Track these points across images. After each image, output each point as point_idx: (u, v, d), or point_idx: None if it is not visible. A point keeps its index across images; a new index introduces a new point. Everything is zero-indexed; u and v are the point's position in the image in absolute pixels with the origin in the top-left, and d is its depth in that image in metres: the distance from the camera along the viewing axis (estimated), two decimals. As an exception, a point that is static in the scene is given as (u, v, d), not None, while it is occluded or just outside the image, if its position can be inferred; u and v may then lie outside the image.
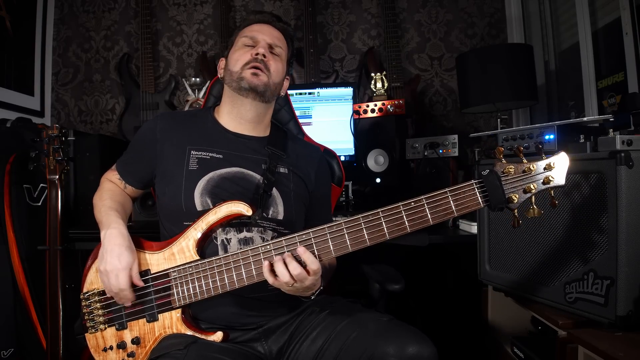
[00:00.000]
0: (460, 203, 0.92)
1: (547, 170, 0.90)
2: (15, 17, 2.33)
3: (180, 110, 2.51)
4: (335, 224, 0.96)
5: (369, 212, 0.96)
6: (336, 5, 2.61)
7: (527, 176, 0.91)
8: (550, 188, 0.91)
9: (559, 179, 0.90)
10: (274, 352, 1.09)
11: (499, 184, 0.91)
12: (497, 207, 0.92)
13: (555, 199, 0.93)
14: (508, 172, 0.91)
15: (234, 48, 1.22)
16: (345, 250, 0.97)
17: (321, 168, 1.30)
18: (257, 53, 1.16)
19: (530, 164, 0.91)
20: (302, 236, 0.98)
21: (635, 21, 1.67)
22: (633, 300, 1.00)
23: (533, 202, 0.92)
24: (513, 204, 0.91)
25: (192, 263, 1.05)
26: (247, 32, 1.21)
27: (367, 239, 0.96)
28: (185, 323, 1.06)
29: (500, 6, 2.56)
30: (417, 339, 0.96)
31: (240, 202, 1.05)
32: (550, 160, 0.90)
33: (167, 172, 1.15)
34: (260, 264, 1.00)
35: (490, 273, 1.40)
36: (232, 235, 1.10)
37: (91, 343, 1.10)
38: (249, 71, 1.16)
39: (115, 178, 1.24)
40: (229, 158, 1.16)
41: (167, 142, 1.18)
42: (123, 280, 1.02)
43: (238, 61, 1.17)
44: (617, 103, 1.79)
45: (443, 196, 0.92)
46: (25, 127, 1.84)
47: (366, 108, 2.03)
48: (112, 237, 1.06)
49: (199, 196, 1.11)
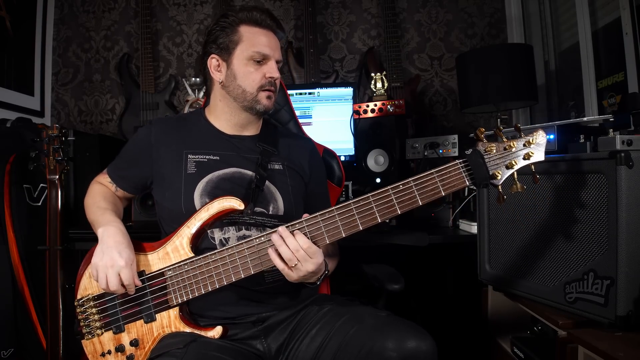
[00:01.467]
0: (447, 182, 0.96)
1: (526, 147, 0.95)
2: (15, 17, 2.33)
3: (180, 110, 2.51)
4: (327, 211, 0.99)
5: (359, 197, 0.98)
6: (336, 5, 2.61)
7: (508, 153, 0.96)
8: (531, 163, 0.95)
9: (539, 155, 0.95)
10: (272, 350, 1.09)
11: (482, 162, 0.95)
12: (482, 183, 0.96)
13: (537, 174, 0.97)
14: (490, 150, 0.95)
15: (241, 60, 1.15)
16: (338, 236, 0.99)
17: (313, 157, 1.31)
18: (271, 77, 1.15)
19: (510, 141, 0.95)
20: (295, 225, 1.00)
21: (635, 21, 1.67)
22: (633, 300, 1.00)
23: (515, 177, 0.96)
24: (497, 179, 0.95)
25: (187, 260, 1.06)
26: (254, 46, 1.14)
27: (359, 223, 0.98)
28: (183, 321, 1.06)
29: (500, 6, 2.56)
30: (415, 333, 0.97)
31: (231, 197, 1.06)
32: (529, 138, 0.95)
33: (165, 177, 1.16)
34: (256, 255, 1.02)
35: (490, 273, 1.40)
36: (230, 234, 1.11)
37: (88, 349, 1.10)
38: (264, 94, 1.16)
39: (106, 181, 1.25)
40: (225, 159, 1.18)
41: (163, 148, 1.18)
42: (127, 276, 1.02)
43: (254, 82, 1.15)
44: (617, 103, 1.79)
45: (430, 177, 0.96)
46: (25, 127, 1.83)
47: (366, 108, 2.03)
48: (111, 234, 1.06)
49: (198, 198, 1.12)
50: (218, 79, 1.18)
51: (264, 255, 1.02)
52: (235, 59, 1.15)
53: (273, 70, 1.16)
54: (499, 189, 0.97)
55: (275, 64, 1.17)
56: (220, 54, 1.17)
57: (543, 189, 1.21)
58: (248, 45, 1.14)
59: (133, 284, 1.04)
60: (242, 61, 1.15)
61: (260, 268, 1.03)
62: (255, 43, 1.14)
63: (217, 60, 1.18)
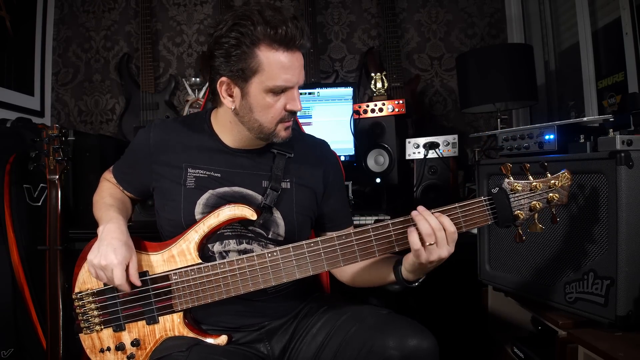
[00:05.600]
0: (469, 219, 0.95)
1: (551, 189, 0.95)
2: (15, 17, 2.33)
3: (180, 110, 2.51)
4: (345, 233, 0.98)
5: (378, 225, 0.96)
6: (336, 5, 2.61)
7: (532, 194, 0.94)
8: (553, 206, 0.95)
9: (562, 199, 0.95)
10: (276, 353, 1.09)
11: (508, 203, 0.94)
12: (504, 224, 0.95)
13: (557, 216, 0.98)
14: (515, 189, 0.94)
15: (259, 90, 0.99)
16: (354, 260, 0.98)
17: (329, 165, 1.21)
18: (293, 110, 1.02)
19: (536, 182, 0.94)
20: (311, 245, 0.98)
21: (635, 21, 1.67)
22: (633, 300, 1.00)
23: (536, 218, 0.96)
24: (519, 221, 0.94)
25: (195, 266, 1.03)
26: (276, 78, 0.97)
27: (376, 250, 0.97)
28: (187, 326, 1.05)
29: (500, 6, 2.55)
30: (416, 331, 0.96)
31: (244, 206, 1.03)
32: (554, 180, 0.95)
33: (164, 188, 1.11)
34: (267, 270, 0.99)
35: (490, 273, 1.39)
36: (231, 247, 1.08)
37: (86, 344, 1.08)
38: (283, 126, 1.05)
39: (113, 180, 1.22)
40: (227, 177, 1.09)
41: (162, 157, 1.11)
42: (118, 276, 0.98)
43: (273, 117, 1.02)
44: (617, 103, 1.79)
45: (452, 211, 0.94)
46: (25, 127, 1.84)
47: (366, 108, 2.03)
48: (109, 231, 1.03)
49: (199, 214, 1.07)
50: (230, 106, 1.03)
51: (275, 270, 0.99)
52: (252, 89, 0.99)
53: (295, 102, 1.02)
54: (519, 230, 0.96)
55: (297, 92, 1.02)
56: (233, 78, 1.00)
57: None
58: (268, 77, 0.97)
59: (125, 283, 1.00)
60: (260, 93, 0.99)
61: (271, 284, 1.00)
62: (276, 75, 0.97)
63: (229, 84, 1.01)
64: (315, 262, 0.99)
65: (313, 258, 0.98)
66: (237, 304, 1.07)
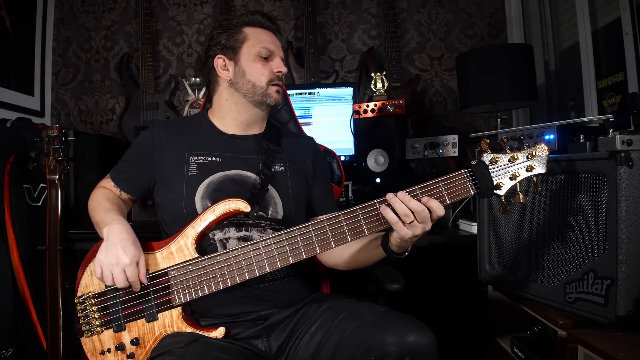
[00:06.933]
0: (453, 191, 0.98)
1: (529, 159, 0.98)
2: (15, 17, 2.33)
3: (180, 110, 2.51)
4: (334, 215, 1.01)
5: (366, 204, 1.00)
6: (336, 5, 2.61)
7: (511, 165, 0.98)
8: (533, 175, 0.98)
9: (540, 167, 0.98)
10: (273, 350, 1.09)
11: (487, 172, 0.98)
12: (487, 193, 0.98)
13: (539, 186, 1.01)
14: (495, 161, 0.98)
15: (248, 57, 1.19)
16: (344, 241, 1.01)
17: (316, 155, 1.32)
18: (279, 71, 1.19)
19: (514, 153, 0.98)
20: (302, 229, 1.01)
21: (635, 21, 1.67)
22: (633, 300, 1.00)
23: (518, 189, 0.98)
24: (500, 190, 0.98)
25: (192, 261, 1.06)
26: (260, 42, 1.19)
27: (366, 229, 1.00)
28: (186, 321, 1.06)
29: (500, 6, 2.56)
30: (415, 326, 0.97)
31: (237, 200, 1.07)
32: (532, 150, 0.98)
33: (167, 179, 1.17)
34: (261, 258, 1.03)
35: (490, 273, 1.40)
36: (231, 234, 1.11)
37: (87, 347, 1.09)
38: (274, 88, 1.20)
39: (109, 185, 1.24)
40: (227, 161, 1.18)
41: (165, 150, 1.19)
42: (131, 274, 1.01)
43: (263, 76, 1.18)
44: (617, 103, 1.79)
45: (435, 185, 0.98)
46: (25, 127, 1.83)
47: (366, 108, 2.03)
48: (116, 231, 1.05)
49: (199, 200, 1.12)
50: (226, 77, 1.20)
51: (269, 257, 1.03)
52: (243, 56, 1.18)
53: (280, 65, 1.20)
54: (502, 199, 0.99)
55: (280, 60, 1.21)
56: (226, 53, 1.20)
57: (543, 189, 1.20)
58: (254, 42, 1.19)
59: (138, 281, 1.03)
60: (250, 57, 1.18)
61: (265, 270, 1.03)
62: (261, 40, 1.19)
63: (224, 60, 1.20)
64: (308, 245, 1.02)
65: (305, 242, 1.02)
66: (235, 291, 1.08)
